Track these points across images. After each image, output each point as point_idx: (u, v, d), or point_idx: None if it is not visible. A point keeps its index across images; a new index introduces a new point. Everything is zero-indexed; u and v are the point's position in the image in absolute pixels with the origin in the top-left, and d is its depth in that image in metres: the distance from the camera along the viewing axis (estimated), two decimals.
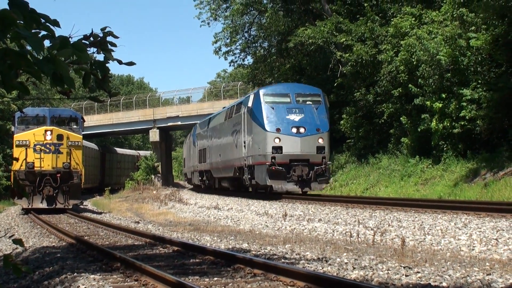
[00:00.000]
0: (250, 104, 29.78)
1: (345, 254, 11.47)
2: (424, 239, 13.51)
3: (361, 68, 37.68)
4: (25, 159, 28.97)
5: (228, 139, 35.00)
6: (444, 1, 32.57)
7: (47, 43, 4.62)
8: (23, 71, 4.57)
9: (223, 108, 41.25)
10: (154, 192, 52.68)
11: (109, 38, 5.45)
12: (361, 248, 12.47)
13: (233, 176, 34.73)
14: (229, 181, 38.00)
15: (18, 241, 5.34)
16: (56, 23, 4.64)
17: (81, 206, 35.35)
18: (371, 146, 38.20)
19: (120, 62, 5.57)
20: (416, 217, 16.60)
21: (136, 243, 15.60)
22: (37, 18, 4.50)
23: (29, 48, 4.59)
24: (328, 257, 11.04)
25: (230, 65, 60.66)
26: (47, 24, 4.59)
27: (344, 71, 39.32)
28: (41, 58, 4.44)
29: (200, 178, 46.32)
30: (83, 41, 5.11)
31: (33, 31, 4.52)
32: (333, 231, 16.38)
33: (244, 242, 14.46)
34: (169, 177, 75.24)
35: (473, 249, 11.86)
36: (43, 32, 4.62)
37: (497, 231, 13.04)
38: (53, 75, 4.45)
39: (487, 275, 8.81)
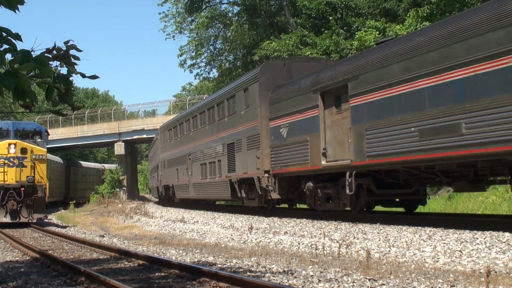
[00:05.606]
0: None
1: (310, 266, 11.46)
2: (389, 251, 13.56)
3: None
4: None
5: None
6: (408, 15, 32.90)
7: (8, 56, 4.58)
8: None
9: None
10: (120, 205, 52.31)
11: (73, 52, 5.43)
12: (326, 261, 12.48)
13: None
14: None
15: None
16: (18, 37, 4.60)
17: (46, 220, 34.95)
18: None
19: (83, 76, 5.53)
20: (381, 229, 16.66)
21: (101, 257, 15.47)
22: None
23: None
24: (293, 269, 11.03)
25: (195, 78, 60.95)
26: (9, 38, 4.55)
27: None
28: (2, 72, 4.39)
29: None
30: (46, 54, 5.07)
31: None
32: (298, 243, 16.38)
33: (209, 255, 14.40)
34: (135, 190, 74.98)
35: (437, 261, 11.93)
36: (4, 46, 4.58)
37: (461, 243, 13.14)
38: (15, 89, 4.40)
39: (451, 286, 8.87)
